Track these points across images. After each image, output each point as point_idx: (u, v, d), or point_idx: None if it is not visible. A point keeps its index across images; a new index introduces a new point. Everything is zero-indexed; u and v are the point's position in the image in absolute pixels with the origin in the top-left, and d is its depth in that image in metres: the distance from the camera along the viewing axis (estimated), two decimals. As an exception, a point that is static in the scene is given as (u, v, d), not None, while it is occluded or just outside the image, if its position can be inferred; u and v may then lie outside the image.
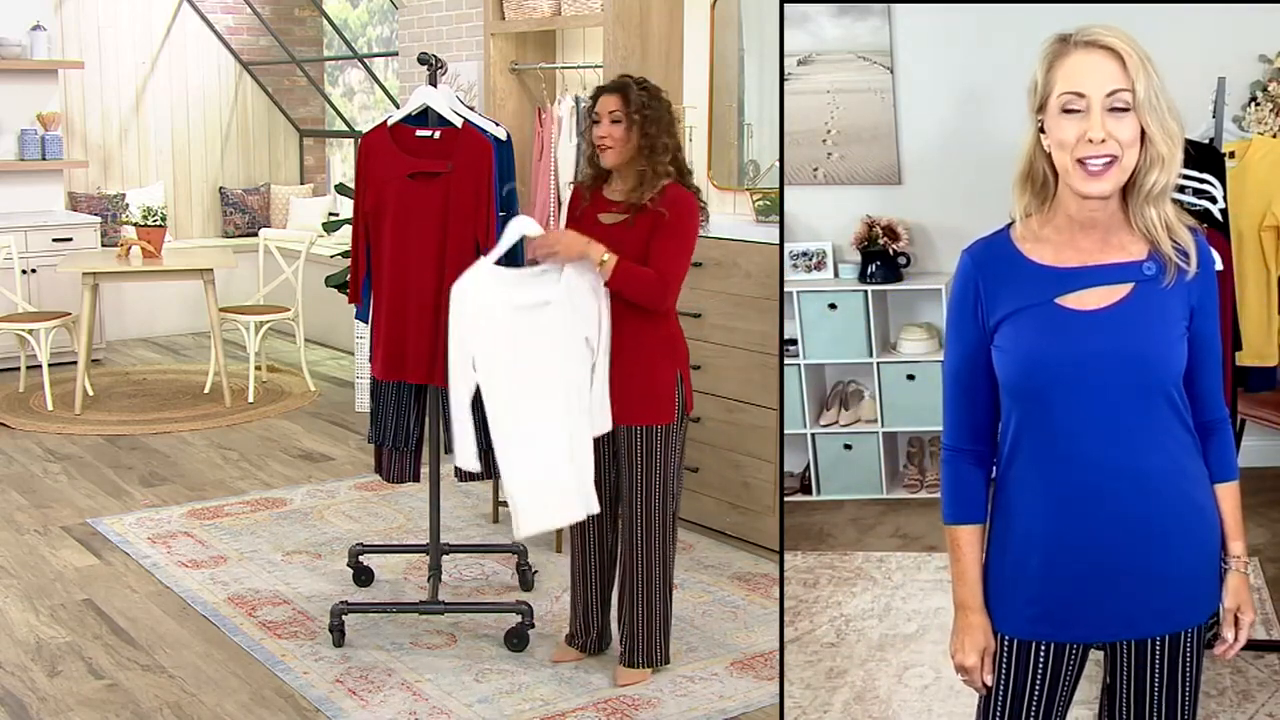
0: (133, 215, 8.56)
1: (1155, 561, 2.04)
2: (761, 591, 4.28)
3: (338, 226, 7.10)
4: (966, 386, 2.13)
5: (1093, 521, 2.03)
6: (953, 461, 2.17)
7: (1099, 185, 1.94)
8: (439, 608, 3.85)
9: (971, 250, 2.11)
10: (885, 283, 4.67)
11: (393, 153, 3.73)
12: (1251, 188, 3.44)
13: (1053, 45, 1.98)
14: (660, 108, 3.43)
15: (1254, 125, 4.05)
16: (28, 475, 5.66)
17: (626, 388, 3.42)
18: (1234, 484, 2.12)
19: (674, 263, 3.39)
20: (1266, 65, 4.08)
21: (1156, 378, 2.00)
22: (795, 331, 4.75)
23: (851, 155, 4.76)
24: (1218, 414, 2.10)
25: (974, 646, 2.12)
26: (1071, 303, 2.00)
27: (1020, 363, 2.02)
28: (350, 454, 6.04)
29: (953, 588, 2.16)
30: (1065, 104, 1.94)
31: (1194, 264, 2.00)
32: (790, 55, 4.68)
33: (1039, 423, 2.03)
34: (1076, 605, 2.07)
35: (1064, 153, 1.95)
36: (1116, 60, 1.92)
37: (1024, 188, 2.05)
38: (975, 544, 2.14)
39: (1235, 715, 3.28)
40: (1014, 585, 2.11)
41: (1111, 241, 2.01)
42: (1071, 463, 2.02)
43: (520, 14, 5.72)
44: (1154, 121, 1.93)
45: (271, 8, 10.03)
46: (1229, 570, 2.10)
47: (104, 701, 3.50)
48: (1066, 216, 2.01)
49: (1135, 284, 2.00)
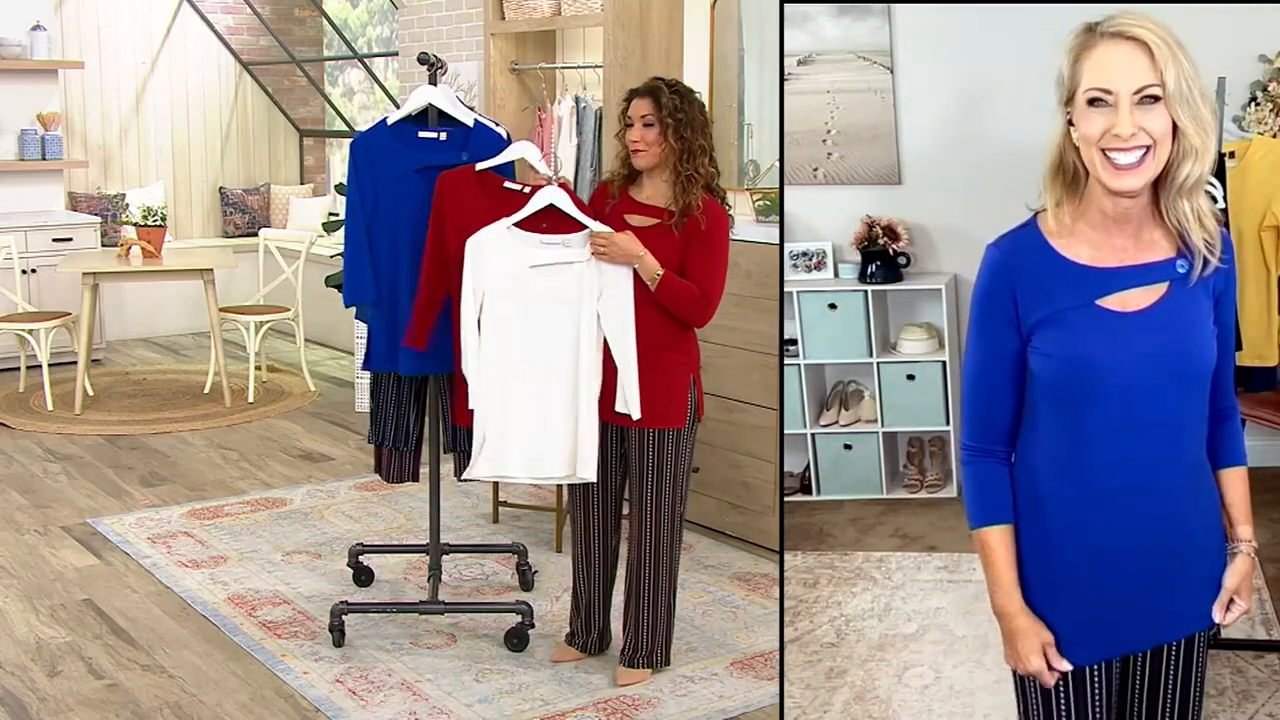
0: (133, 215, 8.56)
1: (1189, 557, 2.02)
2: (761, 591, 4.28)
3: (338, 226, 7.09)
4: (993, 385, 2.05)
5: (1142, 519, 1.98)
6: (975, 462, 2.09)
7: (1129, 180, 1.88)
8: (439, 608, 3.85)
9: (1000, 245, 2.02)
10: (885, 283, 4.67)
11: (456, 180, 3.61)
12: (1251, 188, 3.44)
13: (1079, 36, 1.91)
14: (693, 110, 3.43)
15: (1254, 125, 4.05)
16: (28, 475, 5.66)
17: (641, 391, 3.41)
18: (1243, 469, 2.10)
19: (716, 280, 3.42)
20: (1266, 65, 4.08)
21: (1198, 374, 1.97)
22: (795, 331, 4.75)
23: (851, 155, 4.76)
24: (1230, 402, 2.09)
25: (1031, 649, 2.02)
26: (1113, 304, 1.95)
27: (1066, 366, 1.96)
28: (350, 454, 6.03)
29: (990, 595, 2.07)
30: (1091, 98, 1.88)
31: (1218, 254, 1.95)
32: (790, 55, 4.68)
33: (1082, 424, 1.97)
34: (1122, 614, 2.01)
35: (1091, 147, 1.89)
36: (1145, 52, 1.86)
37: (1054, 180, 1.98)
38: (1008, 546, 2.05)
39: (1235, 715, 3.28)
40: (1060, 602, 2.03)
41: (1144, 238, 1.96)
42: (1118, 462, 1.97)
43: (520, 14, 5.72)
44: (1185, 113, 1.86)
45: (271, 8, 10.03)
46: (1238, 553, 2.06)
47: (104, 701, 3.50)
48: (1099, 211, 1.95)
49: (1170, 283, 1.96)
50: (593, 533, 3.64)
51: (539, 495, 5.14)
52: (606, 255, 3.37)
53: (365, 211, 3.72)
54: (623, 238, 3.37)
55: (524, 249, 3.41)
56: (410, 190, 3.68)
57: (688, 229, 3.39)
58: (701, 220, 3.39)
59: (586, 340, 3.40)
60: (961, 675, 3.53)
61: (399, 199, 3.70)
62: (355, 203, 3.73)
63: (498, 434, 3.43)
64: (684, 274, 3.40)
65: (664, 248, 3.39)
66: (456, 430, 3.89)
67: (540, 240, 3.41)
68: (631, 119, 3.44)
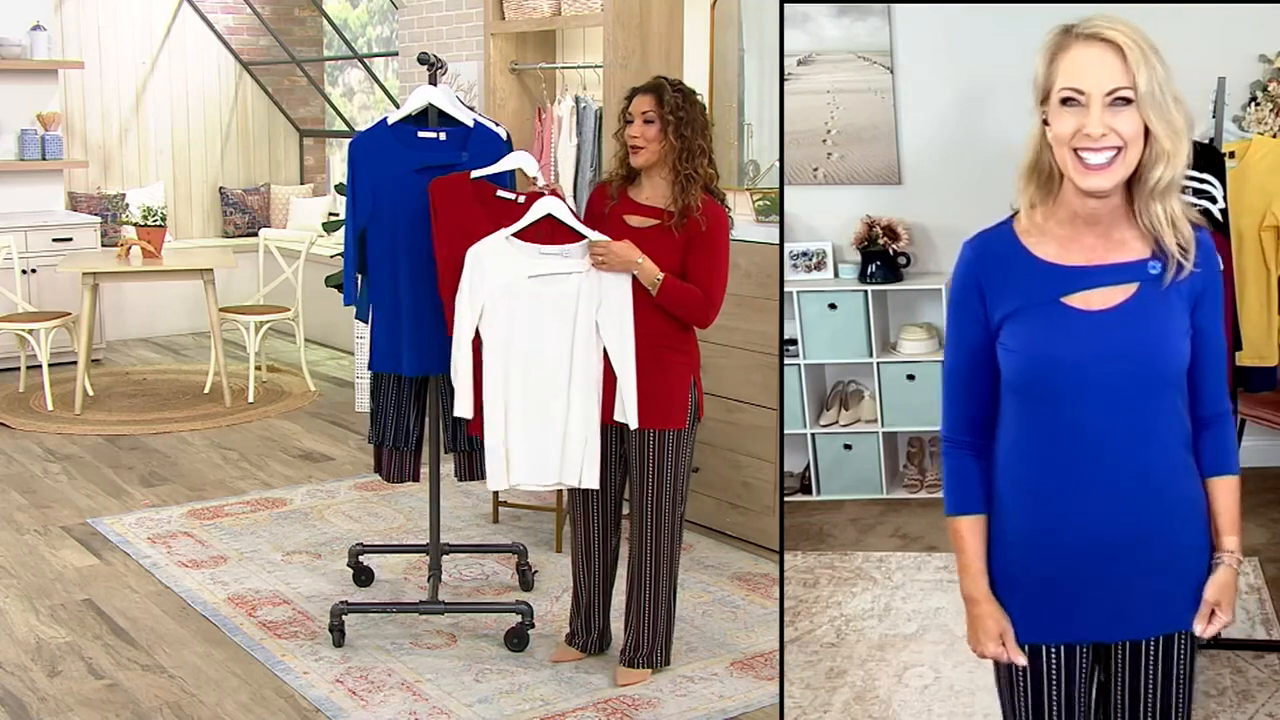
0: (133, 215, 8.56)
1: (1155, 558, 2.04)
2: (761, 591, 4.28)
3: (337, 226, 7.09)
4: (967, 380, 2.12)
5: (1095, 519, 2.02)
6: (950, 454, 2.17)
7: (1099, 180, 1.92)
8: (439, 608, 3.85)
9: (973, 243, 2.09)
10: (885, 283, 4.67)
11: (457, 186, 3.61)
12: (1251, 188, 3.44)
13: (1055, 37, 1.95)
14: (694, 111, 3.43)
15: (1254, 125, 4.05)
16: (28, 475, 5.66)
17: (642, 392, 3.41)
18: (1233, 479, 2.10)
19: (718, 280, 3.42)
20: (1266, 65, 4.08)
21: (1161, 376, 1.99)
22: (795, 331, 4.75)
23: (851, 155, 4.76)
24: (1219, 408, 2.09)
25: (988, 635, 2.11)
26: (1077, 302, 1.99)
27: (1027, 362, 2.01)
28: (350, 454, 6.03)
29: (959, 580, 2.16)
30: (1064, 98, 1.92)
31: (1192, 260, 1.98)
32: (790, 55, 4.68)
33: (1042, 421, 2.02)
34: (1080, 603, 2.06)
35: (1063, 147, 1.93)
36: (1118, 54, 1.89)
37: (1029, 180, 2.03)
38: (977, 535, 2.13)
39: (1235, 715, 3.28)
40: (1017, 587, 2.10)
41: (1114, 238, 2.00)
42: (1074, 461, 2.01)
43: (520, 14, 5.72)
44: (1157, 117, 1.90)
45: (271, 8, 10.03)
46: (1219, 564, 2.08)
47: (104, 701, 3.50)
48: (1070, 211, 1.99)
49: (1140, 283, 1.98)
50: (593, 533, 3.64)
51: (539, 495, 5.14)
52: (605, 264, 3.37)
53: (360, 218, 3.72)
54: (620, 246, 3.37)
55: (523, 259, 3.41)
56: (410, 190, 3.68)
57: (688, 230, 3.39)
58: (701, 221, 3.38)
59: (586, 349, 3.39)
60: (961, 675, 3.53)
61: (399, 199, 3.70)
62: (351, 209, 3.74)
63: (499, 443, 3.43)
64: (685, 275, 3.40)
65: (664, 249, 3.38)
66: (457, 430, 3.89)
67: (539, 251, 3.41)
68: (632, 115, 3.43)
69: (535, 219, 3.42)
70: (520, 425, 3.42)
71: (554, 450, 3.42)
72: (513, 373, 3.42)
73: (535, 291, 3.40)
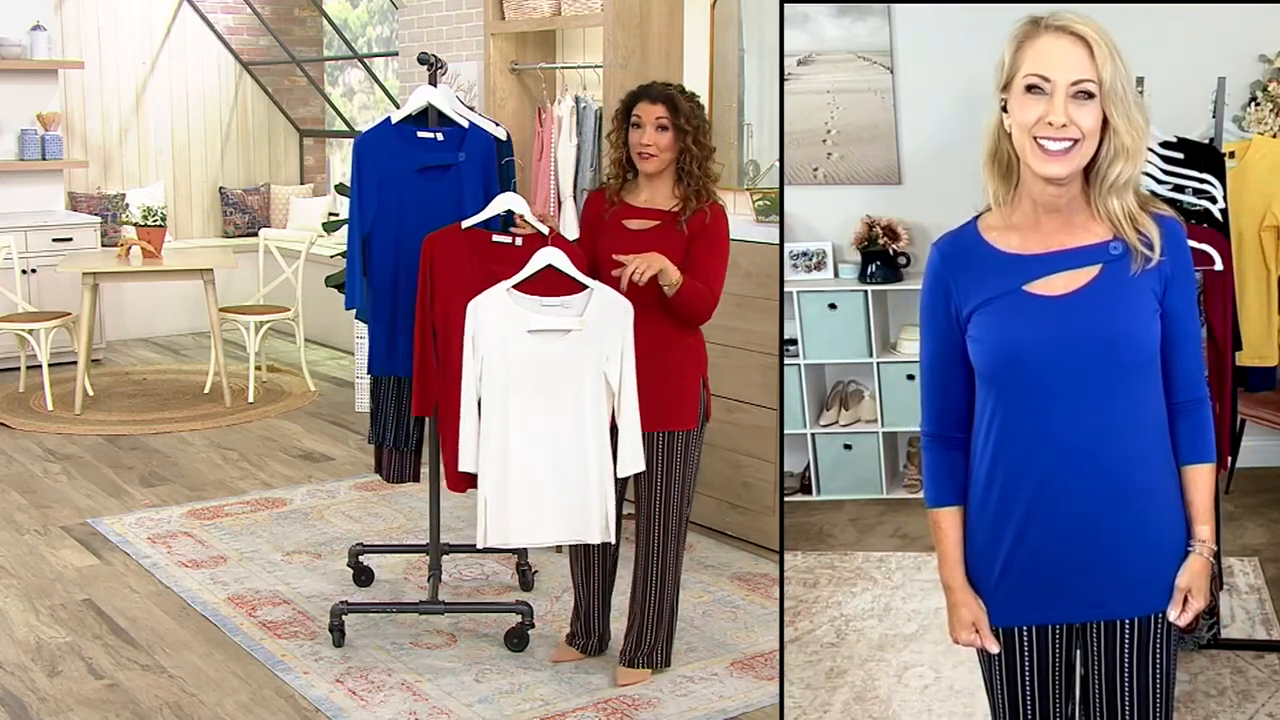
0: (133, 215, 8.56)
1: (1124, 541, 2.06)
2: (761, 591, 4.28)
3: (337, 226, 7.10)
4: (942, 376, 2.17)
5: (1065, 503, 2.05)
6: (931, 447, 2.21)
7: (1056, 166, 1.95)
8: (439, 608, 3.85)
9: (939, 244, 2.14)
10: (885, 283, 4.67)
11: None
12: (1251, 188, 3.44)
13: (1023, 26, 2.00)
14: (703, 117, 3.46)
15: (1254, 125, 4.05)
16: (28, 475, 5.66)
17: (652, 393, 3.40)
18: (1208, 466, 2.12)
19: (719, 275, 3.43)
20: (1266, 65, 4.07)
21: (1129, 358, 2.01)
22: (795, 331, 4.75)
23: (851, 155, 4.75)
24: (1195, 394, 2.10)
25: (962, 623, 2.18)
26: (1040, 289, 2.03)
27: (994, 351, 2.05)
28: (350, 454, 6.04)
29: (938, 570, 2.21)
30: (1029, 85, 1.95)
31: (1158, 253, 2.01)
32: (790, 55, 4.68)
33: (1014, 409, 2.06)
34: (1051, 586, 2.10)
35: (1023, 133, 1.97)
36: (1085, 48, 1.94)
37: (990, 170, 2.07)
38: (955, 526, 2.18)
39: (1235, 715, 3.28)
40: (990, 571, 2.14)
41: (1075, 223, 2.03)
42: (1043, 444, 2.04)
43: (520, 14, 5.73)
44: (1119, 112, 1.94)
45: (271, 8, 10.03)
46: (1190, 552, 2.10)
47: (104, 701, 3.50)
48: (1030, 201, 2.03)
49: (1102, 265, 2.01)
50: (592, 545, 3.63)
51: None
52: (645, 274, 3.26)
53: (365, 219, 3.73)
54: (649, 257, 3.28)
55: (523, 313, 3.32)
56: (412, 189, 3.71)
57: (692, 225, 3.40)
58: (706, 213, 3.42)
59: (597, 403, 3.33)
60: (961, 675, 3.53)
61: (403, 197, 3.72)
62: (355, 210, 3.74)
63: (499, 500, 3.34)
64: (687, 269, 3.40)
65: (666, 249, 3.38)
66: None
67: (540, 303, 3.33)
68: (641, 121, 3.41)
69: (536, 270, 3.36)
70: (522, 484, 3.33)
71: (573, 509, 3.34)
72: (511, 430, 3.33)
73: (535, 349, 3.31)
